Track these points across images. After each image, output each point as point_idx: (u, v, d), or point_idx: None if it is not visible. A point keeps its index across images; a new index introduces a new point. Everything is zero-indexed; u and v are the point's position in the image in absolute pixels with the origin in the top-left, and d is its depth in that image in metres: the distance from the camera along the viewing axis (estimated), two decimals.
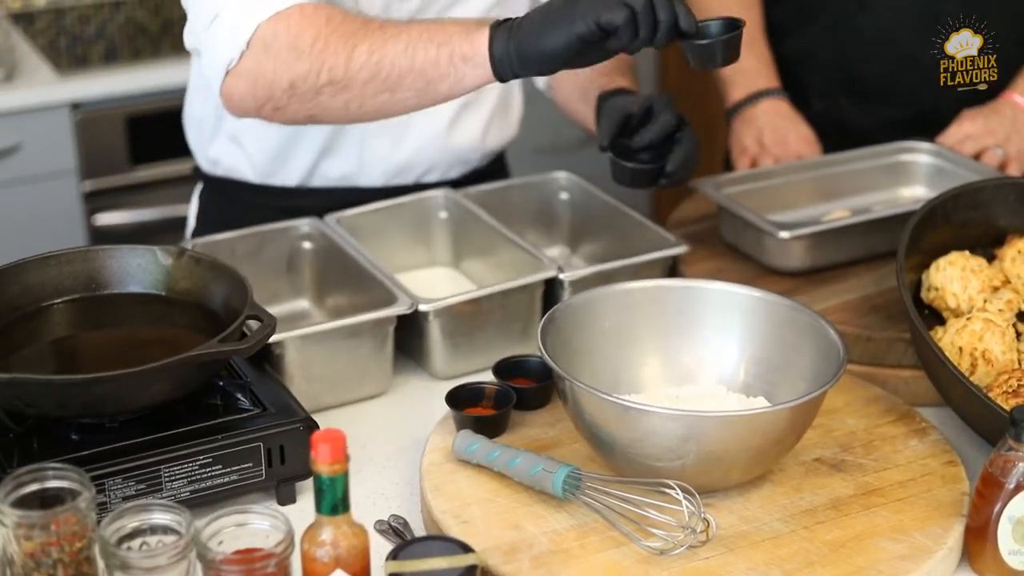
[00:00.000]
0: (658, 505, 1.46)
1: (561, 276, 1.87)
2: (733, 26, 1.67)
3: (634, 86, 2.06)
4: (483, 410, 1.68)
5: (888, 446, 1.64)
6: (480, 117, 2.13)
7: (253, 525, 1.35)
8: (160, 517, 1.34)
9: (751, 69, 2.35)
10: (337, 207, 2.01)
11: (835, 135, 2.33)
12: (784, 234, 1.94)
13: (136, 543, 1.34)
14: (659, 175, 1.87)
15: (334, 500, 1.31)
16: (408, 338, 1.85)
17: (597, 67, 1.99)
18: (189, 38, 1.85)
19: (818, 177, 2.18)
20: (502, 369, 1.74)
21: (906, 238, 1.76)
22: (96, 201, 3.26)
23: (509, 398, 1.67)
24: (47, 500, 1.33)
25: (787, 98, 2.34)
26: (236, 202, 2.15)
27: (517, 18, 1.67)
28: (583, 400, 1.52)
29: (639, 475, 1.51)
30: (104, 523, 1.32)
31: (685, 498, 1.45)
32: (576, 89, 2.11)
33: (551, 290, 1.89)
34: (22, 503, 1.32)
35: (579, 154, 3.78)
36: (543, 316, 1.64)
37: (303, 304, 2.02)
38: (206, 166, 2.18)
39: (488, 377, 1.74)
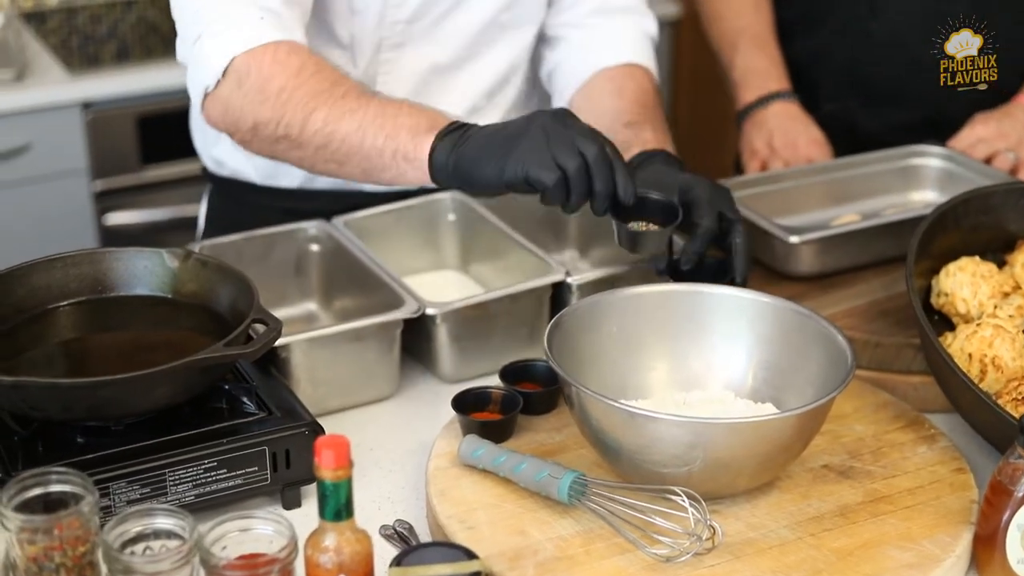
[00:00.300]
0: (664, 512, 1.45)
1: (569, 280, 1.87)
2: (671, 209, 1.66)
3: (661, 137, 1.94)
4: (489, 415, 1.67)
5: (897, 453, 1.63)
6: (489, 121, 2.11)
7: (257, 530, 1.34)
8: (163, 522, 1.34)
9: (762, 71, 2.34)
10: (344, 209, 2.01)
11: (846, 138, 2.32)
12: (793, 238, 1.94)
13: (140, 548, 1.34)
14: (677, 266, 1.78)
15: (338, 506, 1.30)
16: (416, 341, 1.85)
17: (620, 111, 1.97)
18: (179, 50, 1.86)
19: (828, 181, 2.17)
20: (509, 373, 1.73)
21: (916, 243, 1.75)
22: (107, 201, 3.26)
23: (516, 403, 1.67)
24: (51, 504, 1.33)
25: (798, 101, 2.33)
26: (243, 203, 2.15)
27: (466, 129, 1.65)
28: (589, 406, 1.51)
29: (646, 481, 1.50)
30: (107, 527, 1.32)
31: (691, 505, 1.44)
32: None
33: (559, 294, 1.88)
34: (26, 507, 1.32)
35: None
36: (551, 320, 1.63)
37: (311, 306, 2.01)
38: (212, 167, 2.18)
39: (495, 381, 1.74)
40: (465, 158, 1.63)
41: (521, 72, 2.14)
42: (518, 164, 1.58)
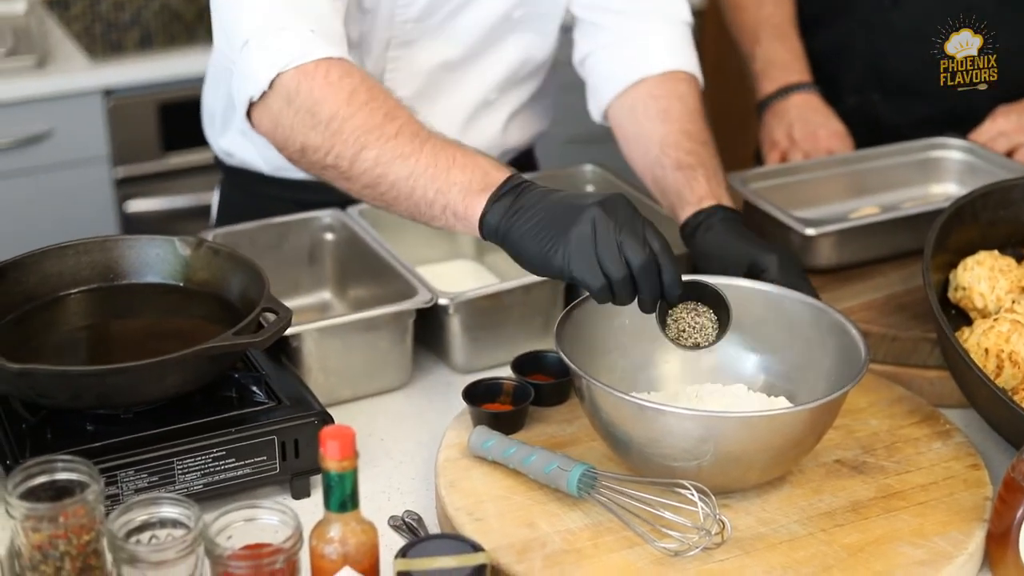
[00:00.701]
0: (674, 506, 1.44)
1: None
2: (720, 301, 1.61)
3: (715, 184, 1.84)
4: (500, 406, 1.66)
5: (911, 448, 1.62)
6: (500, 116, 2.10)
7: (262, 520, 1.34)
8: (169, 511, 1.33)
9: (783, 62, 2.32)
10: (354, 200, 2.00)
11: (867, 130, 2.30)
12: (810, 231, 1.92)
13: (145, 536, 1.33)
14: None
15: (343, 497, 1.29)
16: (429, 331, 1.84)
17: (668, 143, 1.88)
18: (220, 47, 1.80)
19: (848, 173, 2.15)
20: (521, 364, 1.72)
21: (933, 236, 1.73)
22: (128, 188, 3.26)
23: (527, 394, 1.66)
24: (57, 492, 1.33)
25: (819, 92, 2.31)
26: (253, 193, 2.14)
27: (518, 195, 1.58)
28: (599, 398, 1.50)
29: (656, 475, 1.49)
30: (112, 516, 1.31)
31: (700, 499, 1.43)
32: (644, 166, 1.94)
33: (573, 285, 1.86)
34: (31, 495, 1.31)
35: (612, 144, 3.78)
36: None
37: (325, 296, 2.01)
38: (222, 156, 2.17)
39: (509, 372, 1.72)
40: (514, 235, 1.57)
41: (538, 65, 2.11)
42: (564, 262, 1.53)
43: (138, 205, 3.27)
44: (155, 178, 3.27)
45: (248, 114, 1.75)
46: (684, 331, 1.62)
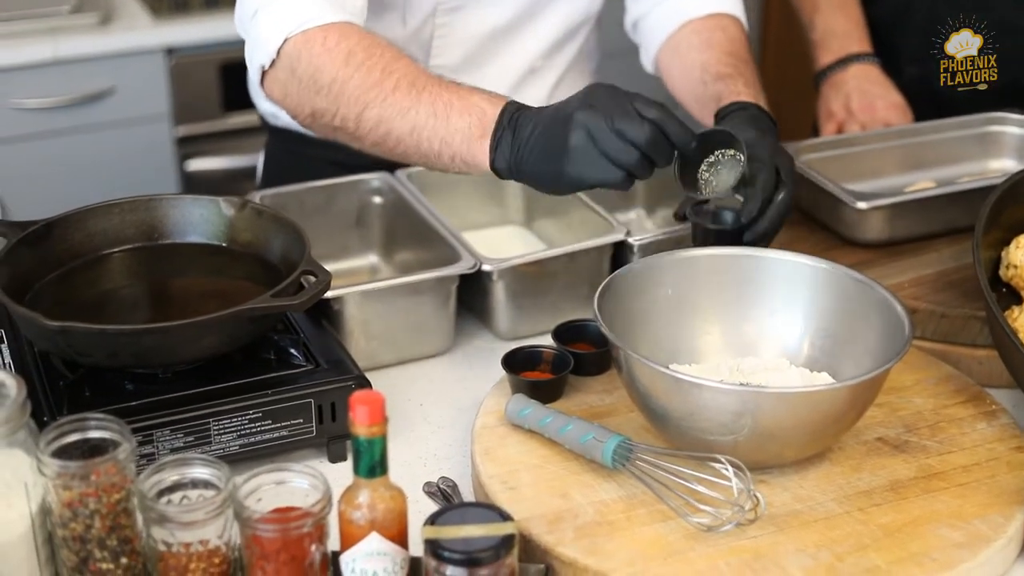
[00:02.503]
0: (709, 480, 1.43)
1: (630, 240, 1.84)
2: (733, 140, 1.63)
3: (754, 91, 1.86)
4: (540, 374, 1.65)
5: (955, 428, 1.59)
6: (545, 84, 2.08)
7: (292, 483, 1.34)
8: (200, 471, 1.33)
9: (842, 32, 2.29)
10: (400, 164, 1.99)
11: (928, 102, 2.26)
12: (861, 204, 1.89)
13: (176, 496, 1.33)
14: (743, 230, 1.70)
15: (371, 462, 1.29)
16: (473, 297, 1.83)
17: (709, 63, 1.91)
18: (237, 20, 1.84)
19: (904, 146, 2.12)
20: (562, 333, 1.71)
21: (985, 213, 1.70)
22: (188, 147, 3.28)
23: (566, 363, 1.65)
24: (89, 450, 1.33)
25: (878, 63, 2.28)
26: (297, 154, 2.14)
27: (515, 131, 1.60)
28: (637, 370, 1.49)
29: (692, 448, 1.48)
30: (143, 476, 1.32)
31: (735, 473, 1.41)
32: (688, 90, 1.98)
33: (620, 253, 1.85)
34: (64, 453, 1.32)
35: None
36: None
37: (372, 259, 2.01)
38: (268, 117, 2.17)
39: (551, 341, 1.71)
40: (525, 171, 1.60)
41: (582, 31, 2.10)
42: (577, 176, 1.55)
43: (198, 164, 3.29)
44: (215, 137, 3.29)
45: (262, 84, 1.78)
46: (707, 182, 1.66)
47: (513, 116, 1.61)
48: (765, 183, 1.67)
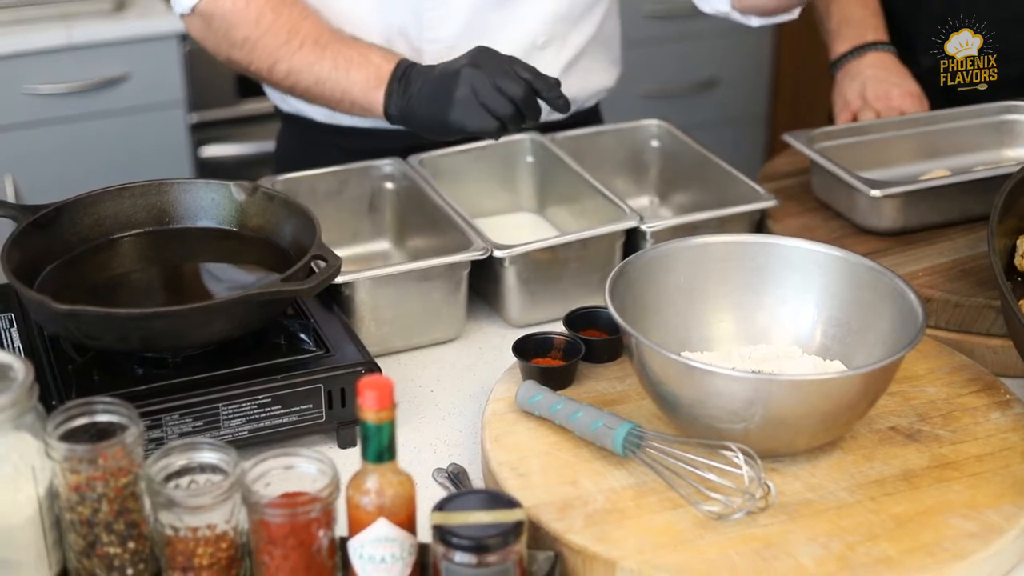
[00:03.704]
0: (719, 468, 1.42)
1: (643, 227, 1.83)
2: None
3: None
4: (551, 361, 1.65)
5: (968, 417, 1.58)
6: (552, 64, 2.05)
7: (300, 468, 1.33)
8: (208, 456, 1.33)
9: (858, 20, 2.27)
10: (405, 149, 1.98)
11: (944, 92, 2.24)
12: (875, 192, 1.88)
13: (184, 481, 1.33)
14: None
15: (379, 448, 1.28)
16: (485, 284, 1.83)
17: None
18: None
19: (919, 134, 2.10)
20: (574, 320, 1.70)
21: (1000, 201, 1.69)
22: (203, 133, 3.27)
23: (578, 350, 1.64)
24: (97, 434, 1.32)
25: (894, 52, 2.26)
26: (308, 141, 2.13)
27: (407, 82, 1.81)
28: (648, 357, 1.48)
29: (703, 436, 1.47)
30: (151, 460, 1.31)
31: (746, 461, 1.40)
32: None
33: (633, 240, 1.85)
34: (71, 436, 1.32)
35: (687, 99, 3.73)
36: None
37: (384, 245, 2.00)
38: (279, 103, 2.16)
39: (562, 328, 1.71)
40: (414, 116, 1.81)
41: (594, 11, 2.08)
42: (459, 123, 1.75)
43: (212, 150, 3.28)
44: (230, 124, 3.29)
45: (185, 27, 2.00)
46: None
47: (406, 71, 1.82)
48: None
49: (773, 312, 1.63)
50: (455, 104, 1.74)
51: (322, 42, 1.88)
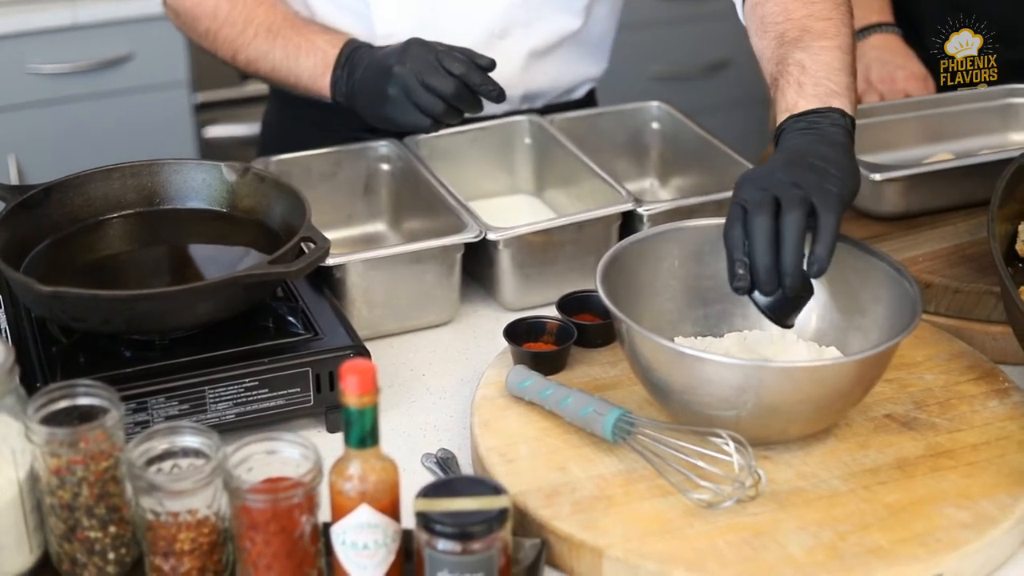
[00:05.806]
0: (710, 456, 1.40)
1: (639, 209, 1.81)
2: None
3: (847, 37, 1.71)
4: (544, 345, 1.63)
5: (965, 405, 1.56)
6: (515, 53, 2.01)
7: (283, 453, 1.31)
8: (190, 440, 1.31)
9: (863, 2, 2.24)
10: (408, 132, 1.96)
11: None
12: (876, 176, 1.85)
13: (167, 465, 1.31)
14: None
15: (362, 433, 1.26)
16: (479, 267, 1.81)
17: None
18: None
19: (923, 117, 2.07)
20: (568, 304, 1.68)
21: (1001, 186, 1.66)
22: (207, 113, 3.25)
23: (570, 334, 1.62)
24: (79, 417, 1.31)
25: (900, 34, 2.23)
26: (302, 119, 2.11)
27: (351, 70, 1.85)
28: (638, 343, 1.46)
29: (694, 423, 1.45)
30: (132, 444, 1.29)
31: (736, 449, 1.38)
32: (767, 55, 1.82)
33: (630, 223, 1.82)
34: (52, 419, 1.30)
35: (697, 81, 3.70)
36: None
37: (379, 227, 1.98)
38: None
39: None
40: (357, 103, 1.85)
41: (576, 3, 2.05)
42: (394, 119, 1.81)
43: (216, 131, 3.27)
44: (233, 104, 3.27)
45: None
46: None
47: (349, 57, 1.86)
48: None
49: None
50: (388, 102, 1.79)
51: (274, 30, 1.92)
